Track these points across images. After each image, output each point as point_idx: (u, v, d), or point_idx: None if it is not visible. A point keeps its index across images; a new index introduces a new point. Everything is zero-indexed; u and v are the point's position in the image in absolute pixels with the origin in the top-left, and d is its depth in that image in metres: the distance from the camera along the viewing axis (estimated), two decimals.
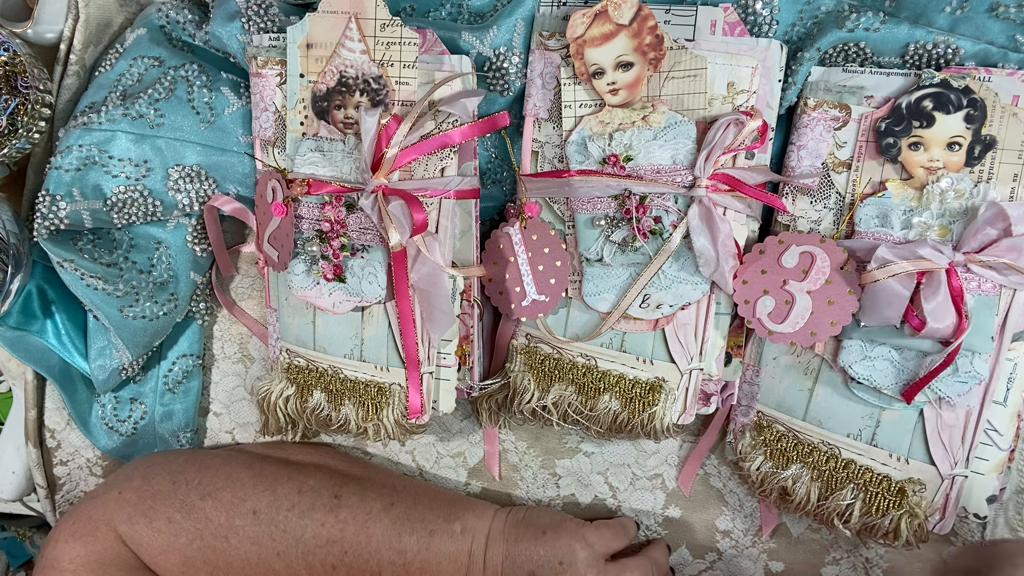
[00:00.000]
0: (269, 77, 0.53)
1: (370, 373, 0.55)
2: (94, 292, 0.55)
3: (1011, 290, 0.47)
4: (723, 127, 0.48)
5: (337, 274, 0.53)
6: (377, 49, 0.50)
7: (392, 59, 0.50)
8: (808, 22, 0.52)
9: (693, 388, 0.54)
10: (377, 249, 0.52)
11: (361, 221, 0.51)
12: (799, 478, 0.53)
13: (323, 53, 0.51)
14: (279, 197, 0.52)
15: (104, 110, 0.54)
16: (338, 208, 0.52)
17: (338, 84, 0.51)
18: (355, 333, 0.55)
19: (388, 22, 0.49)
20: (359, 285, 0.52)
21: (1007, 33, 0.48)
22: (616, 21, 0.50)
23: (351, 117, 0.51)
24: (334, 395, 0.56)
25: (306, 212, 0.53)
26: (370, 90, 0.50)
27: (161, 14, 0.57)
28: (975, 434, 0.49)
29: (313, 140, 0.52)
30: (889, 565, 0.58)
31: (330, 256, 0.52)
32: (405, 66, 0.50)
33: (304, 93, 0.52)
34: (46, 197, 0.54)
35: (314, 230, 0.53)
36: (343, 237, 0.52)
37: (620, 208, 0.51)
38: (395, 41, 0.50)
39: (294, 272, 0.54)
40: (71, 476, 0.67)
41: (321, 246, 0.53)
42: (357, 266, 0.52)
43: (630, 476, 0.61)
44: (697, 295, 0.52)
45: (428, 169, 0.51)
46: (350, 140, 0.51)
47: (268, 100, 0.54)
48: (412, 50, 0.50)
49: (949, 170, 0.47)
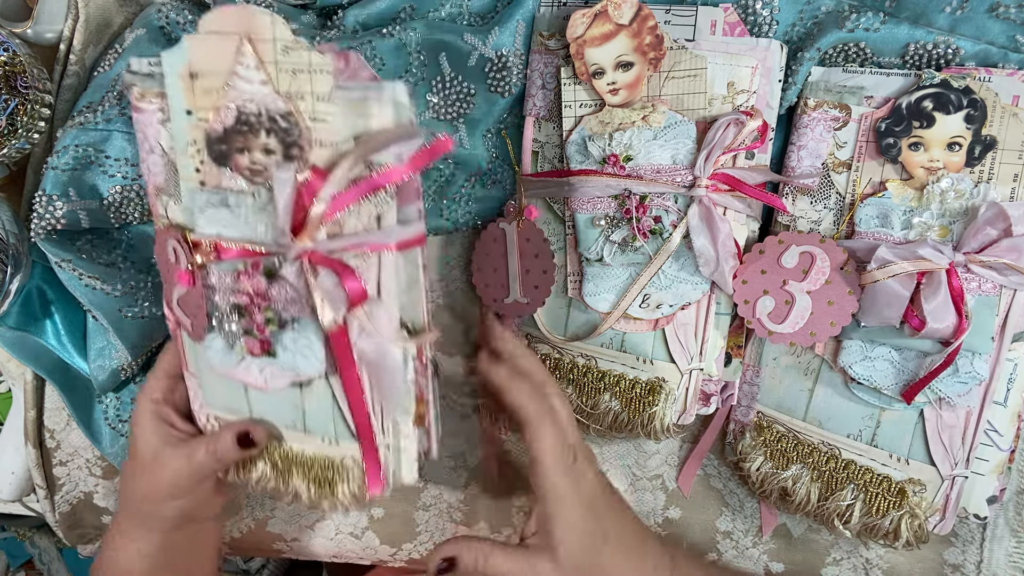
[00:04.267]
0: (150, 112, 0.43)
1: (316, 446, 0.48)
2: (92, 292, 0.55)
3: (1011, 290, 0.47)
4: (723, 127, 0.48)
5: (265, 349, 0.44)
6: (281, 78, 0.39)
7: (302, 91, 0.39)
8: (808, 22, 0.52)
9: (693, 388, 0.54)
10: (309, 320, 0.43)
11: (286, 291, 0.43)
12: (799, 478, 0.53)
13: (213, 84, 0.40)
14: (182, 263, 0.44)
15: (101, 110, 0.54)
16: (256, 277, 0.43)
17: (237, 123, 0.40)
18: (295, 405, 0.47)
19: (290, 44, 0.38)
20: (293, 360, 0.44)
21: (1007, 33, 0.48)
22: (616, 21, 0.50)
23: (259, 163, 0.41)
24: (280, 469, 0.49)
25: (218, 281, 0.44)
26: (278, 129, 0.40)
27: (161, 15, 0.57)
28: (975, 435, 0.49)
29: (215, 192, 0.42)
30: (889, 566, 0.58)
31: (254, 331, 0.44)
32: (319, 99, 0.39)
33: (195, 133, 0.41)
34: (43, 197, 0.54)
35: (230, 303, 0.44)
36: (267, 311, 0.43)
37: (620, 208, 0.51)
38: (302, 68, 0.39)
39: (213, 348, 0.46)
40: (71, 476, 0.67)
41: (242, 321, 0.44)
42: (288, 339, 0.44)
43: (630, 476, 0.61)
44: (697, 295, 0.52)
45: (361, 218, 0.41)
46: (260, 192, 0.41)
47: (152, 140, 0.44)
48: (325, 79, 0.39)
49: (949, 170, 0.47)
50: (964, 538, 0.56)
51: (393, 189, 0.41)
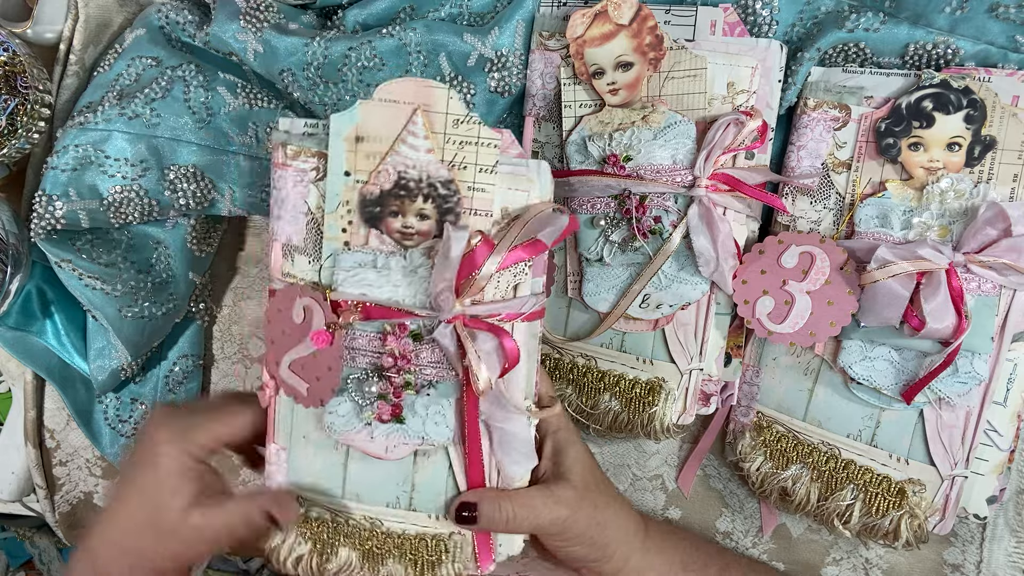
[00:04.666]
0: (300, 171, 0.44)
1: (422, 524, 0.47)
2: (92, 292, 0.55)
3: (1011, 290, 0.47)
4: (723, 127, 0.48)
5: (395, 414, 0.44)
6: (447, 148, 0.42)
7: (465, 161, 0.42)
8: (808, 22, 0.52)
9: (693, 388, 0.54)
10: (446, 384, 0.44)
11: (432, 354, 0.43)
12: (799, 478, 0.53)
13: (376, 148, 0.42)
14: (318, 322, 0.43)
15: (101, 110, 0.54)
16: (403, 339, 0.43)
17: (396, 187, 0.42)
18: (405, 478, 0.46)
19: (463, 118, 0.41)
20: (422, 426, 0.44)
21: (1007, 33, 0.48)
22: (616, 21, 0.50)
23: (411, 227, 0.42)
24: (371, 554, 0.47)
25: (359, 342, 0.44)
26: (437, 196, 0.42)
27: (160, 15, 0.57)
28: (975, 435, 0.49)
29: (362, 252, 0.43)
30: (889, 566, 0.58)
31: (390, 396, 0.44)
32: (481, 171, 0.42)
33: (349, 194, 0.42)
34: (43, 197, 0.54)
35: (371, 366, 0.44)
36: (407, 374, 0.43)
37: (620, 208, 0.51)
38: (471, 141, 0.42)
39: (337, 412, 0.44)
40: (70, 476, 0.67)
41: (380, 383, 0.44)
42: (420, 405, 0.44)
43: (631, 477, 0.61)
44: (697, 295, 0.52)
45: (500, 287, 0.43)
46: (412, 255, 0.42)
47: (298, 198, 0.44)
48: (491, 152, 0.42)
49: (949, 170, 0.47)
50: (964, 538, 0.56)
51: (530, 261, 0.43)
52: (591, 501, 0.48)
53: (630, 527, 0.51)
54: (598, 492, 0.49)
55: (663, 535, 0.53)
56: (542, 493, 0.46)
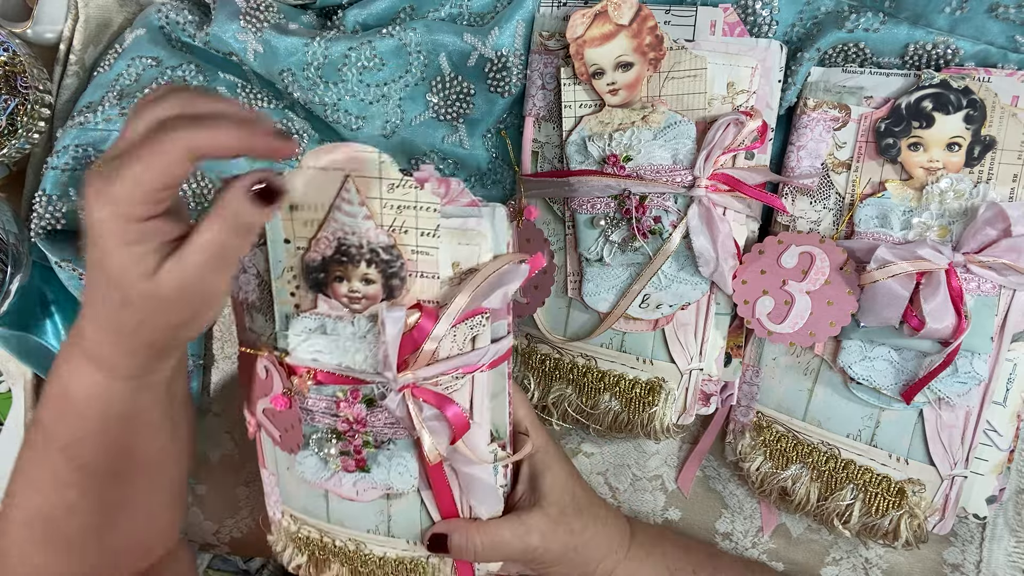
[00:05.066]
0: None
1: (401, 548, 0.48)
2: None
3: (1011, 290, 0.47)
4: (723, 127, 0.48)
5: (360, 466, 0.45)
6: (385, 213, 0.40)
7: (406, 225, 0.40)
8: (808, 22, 0.52)
9: (693, 388, 0.54)
10: (405, 440, 0.44)
11: (387, 416, 0.44)
12: (799, 478, 0.53)
13: (312, 216, 0.40)
14: (277, 386, 0.44)
15: (100, 110, 0.54)
16: (356, 406, 0.43)
17: (337, 253, 0.41)
18: (381, 511, 0.48)
19: (398, 183, 0.39)
20: (387, 476, 0.45)
21: (1007, 34, 0.48)
22: (616, 21, 0.50)
23: (357, 291, 0.41)
24: (358, 572, 0.50)
25: (315, 405, 0.44)
26: (379, 261, 0.40)
27: (160, 15, 0.57)
28: (975, 434, 0.49)
29: (311, 318, 0.42)
30: (889, 566, 0.58)
31: (351, 452, 0.45)
32: (423, 234, 0.40)
33: (292, 260, 0.42)
34: (42, 197, 0.54)
35: (328, 428, 0.45)
36: (365, 435, 0.44)
37: (620, 208, 0.51)
38: (408, 205, 0.40)
39: (305, 464, 0.46)
40: None
41: (339, 444, 0.45)
42: (383, 457, 0.45)
43: (630, 477, 0.61)
44: (697, 295, 0.52)
45: (456, 341, 0.42)
46: (360, 321, 0.42)
47: (247, 262, 0.44)
48: (432, 217, 0.40)
49: (949, 170, 0.47)
50: (963, 538, 0.56)
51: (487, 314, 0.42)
52: (566, 527, 0.48)
53: (612, 543, 0.51)
54: (575, 515, 0.48)
55: (651, 542, 0.54)
56: (512, 524, 0.46)
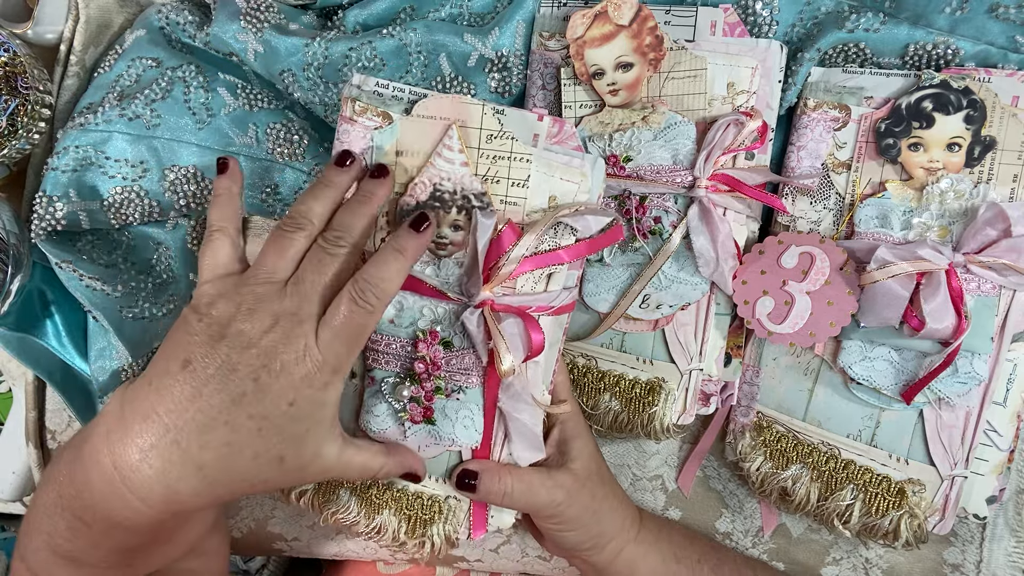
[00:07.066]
0: (367, 128, 0.45)
1: (421, 483, 0.49)
2: (93, 293, 0.55)
3: (1011, 291, 0.47)
4: (723, 127, 0.48)
5: (427, 416, 0.46)
6: (481, 163, 0.43)
7: (499, 175, 0.43)
8: (808, 23, 0.52)
9: (693, 388, 0.54)
10: (474, 390, 0.46)
11: (461, 361, 0.46)
12: (799, 478, 0.53)
13: (413, 162, 0.44)
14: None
15: (101, 111, 0.54)
16: (434, 346, 0.45)
17: (431, 199, 0.44)
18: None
19: (496, 133, 0.43)
20: (452, 429, 0.46)
21: (1007, 34, 0.48)
22: (616, 22, 0.50)
23: (445, 237, 0.44)
24: (369, 503, 0.50)
25: (394, 348, 0.46)
26: (470, 208, 0.44)
27: (161, 16, 0.57)
28: (975, 435, 0.49)
29: None
30: (889, 566, 0.58)
31: (421, 399, 0.46)
32: (514, 184, 0.43)
33: (387, 205, 0.45)
34: (43, 198, 0.54)
35: (403, 370, 0.46)
36: (437, 379, 0.46)
37: (620, 208, 0.51)
38: (503, 155, 0.43)
39: (374, 413, 0.47)
40: None
41: (412, 388, 0.46)
42: (451, 408, 0.46)
43: (631, 477, 0.61)
44: (697, 295, 0.52)
45: (532, 278, 0.45)
46: (446, 264, 0.45)
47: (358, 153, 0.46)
48: (524, 167, 0.43)
49: (949, 171, 0.47)
50: (964, 538, 0.56)
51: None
52: (589, 490, 0.49)
53: (626, 520, 0.51)
54: (598, 483, 0.50)
55: (658, 528, 0.54)
56: (541, 475, 0.48)
